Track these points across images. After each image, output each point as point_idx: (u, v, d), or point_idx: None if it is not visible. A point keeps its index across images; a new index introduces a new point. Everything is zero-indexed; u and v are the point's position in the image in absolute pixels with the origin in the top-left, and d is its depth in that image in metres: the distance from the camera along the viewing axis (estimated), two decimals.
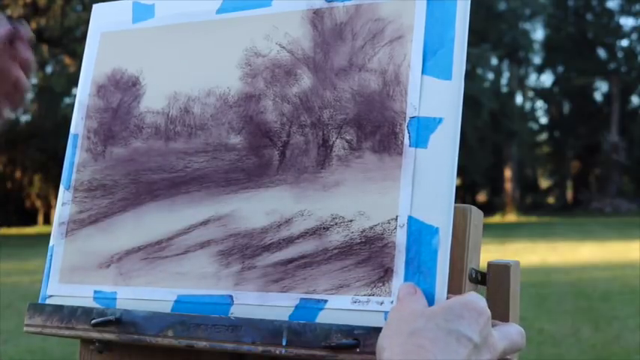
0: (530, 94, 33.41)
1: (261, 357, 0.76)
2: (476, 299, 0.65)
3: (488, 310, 0.65)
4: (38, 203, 24.73)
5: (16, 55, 0.83)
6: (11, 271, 9.59)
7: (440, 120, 0.73)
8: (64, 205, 0.90)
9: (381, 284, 0.72)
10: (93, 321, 0.81)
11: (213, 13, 0.88)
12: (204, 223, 0.81)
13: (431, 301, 0.69)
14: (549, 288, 7.77)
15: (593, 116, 31.08)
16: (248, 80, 0.84)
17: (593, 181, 32.12)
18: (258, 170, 0.80)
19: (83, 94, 0.93)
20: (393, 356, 0.61)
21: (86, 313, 0.82)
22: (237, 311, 0.77)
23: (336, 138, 0.78)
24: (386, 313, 0.71)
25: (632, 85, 31.32)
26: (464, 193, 29.12)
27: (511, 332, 0.67)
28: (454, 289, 0.72)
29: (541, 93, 33.62)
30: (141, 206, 0.85)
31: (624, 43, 31.73)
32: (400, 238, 0.72)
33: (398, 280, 0.71)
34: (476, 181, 28.98)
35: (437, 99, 0.74)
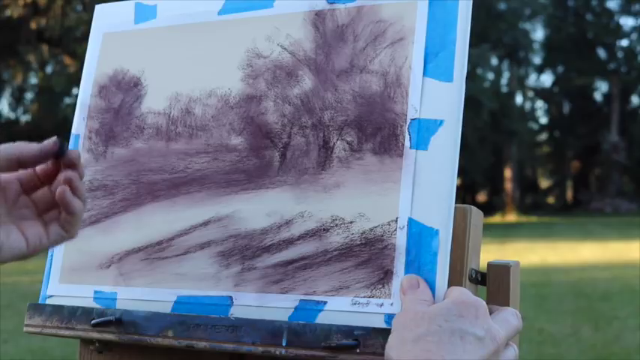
0: (530, 94, 33.42)
1: (261, 357, 0.76)
2: (468, 295, 0.66)
3: (483, 302, 0.66)
4: None
5: (64, 177, 0.77)
6: (11, 271, 9.58)
7: (441, 122, 0.73)
8: None
9: (380, 286, 0.72)
10: (93, 321, 0.81)
11: (215, 14, 0.88)
12: (205, 223, 0.82)
13: None
14: (549, 288, 7.77)
15: (593, 116, 31.09)
16: (249, 81, 0.84)
17: (593, 181, 32.15)
18: (258, 171, 0.81)
19: (85, 95, 0.93)
20: None
21: (86, 313, 0.82)
22: (236, 312, 0.77)
23: (337, 139, 0.78)
24: (386, 315, 0.71)
25: (632, 85, 31.33)
26: (464, 193, 29.13)
27: (508, 318, 0.68)
28: None
29: (541, 93, 33.62)
30: (141, 207, 0.85)
31: (624, 43, 31.76)
32: (400, 240, 0.72)
33: (398, 282, 0.71)
34: (476, 181, 28.98)
35: (438, 101, 0.74)
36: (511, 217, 25.24)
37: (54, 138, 0.73)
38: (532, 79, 34.18)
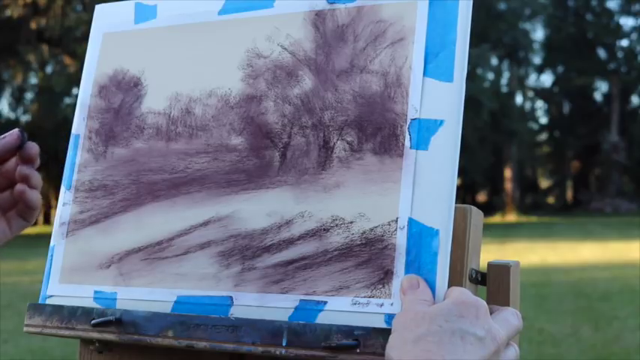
0: (530, 94, 33.44)
1: (261, 357, 0.76)
2: (468, 295, 0.66)
3: (484, 302, 0.66)
4: None
5: (19, 171, 0.77)
6: (11, 271, 9.59)
7: (441, 122, 0.73)
8: (64, 206, 0.90)
9: (381, 286, 0.72)
10: (93, 321, 0.81)
11: (215, 14, 0.88)
12: (205, 224, 0.82)
13: None
14: (549, 288, 7.77)
15: (593, 116, 31.12)
16: (249, 81, 0.84)
17: (593, 181, 32.20)
18: (258, 171, 0.81)
19: (85, 95, 0.93)
20: None
21: (86, 313, 0.82)
22: (236, 312, 0.77)
23: (337, 139, 0.78)
24: (386, 315, 0.71)
25: (632, 85, 31.36)
26: (464, 193, 29.15)
27: (508, 318, 0.68)
28: None
29: (541, 93, 33.65)
30: (141, 207, 0.85)
31: (624, 43, 31.77)
32: (400, 240, 0.72)
33: (398, 282, 0.71)
34: (476, 181, 29.01)
35: (438, 101, 0.74)
36: (511, 217, 25.26)
37: (16, 130, 0.73)
38: (532, 79, 34.23)
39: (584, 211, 27.06)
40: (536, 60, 32.52)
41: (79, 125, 0.92)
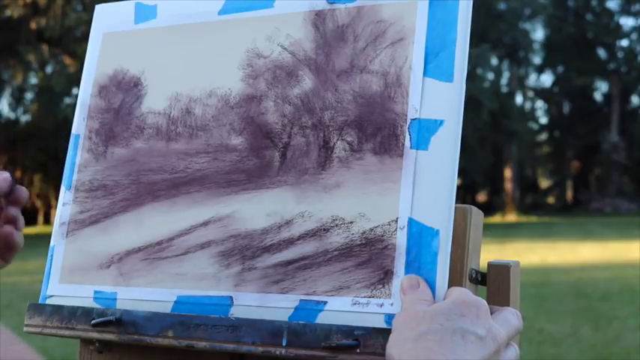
0: (530, 94, 33.45)
1: (261, 357, 0.76)
2: (469, 295, 0.66)
3: (484, 301, 0.66)
4: (38, 203, 24.70)
5: (6, 213, 0.81)
6: (11, 271, 9.59)
7: (441, 122, 0.73)
8: (64, 206, 0.90)
9: (381, 286, 0.72)
10: (93, 321, 0.81)
11: (215, 14, 0.88)
12: (205, 223, 0.82)
13: None
14: (549, 288, 7.78)
15: (593, 116, 31.14)
16: (249, 81, 0.84)
17: (593, 181, 32.22)
18: (258, 171, 0.81)
19: (85, 95, 0.93)
20: None
21: (86, 313, 0.82)
22: (236, 312, 0.77)
23: (337, 139, 0.78)
24: (386, 315, 0.71)
25: (632, 85, 31.37)
26: (464, 193, 29.16)
27: (508, 318, 0.68)
28: None
29: (541, 93, 33.66)
30: (141, 207, 0.85)
31: (624, 43, 31.79)
32: (400, 240, 0.72)
33: (398, 282, 0.71)
34: (476, 181, 29.02)
35: (438, 101, 0.74)
36: (511, 217, 25.27)
37: (7, 175, 0.74)
38: (532, 79, 34.25)
39: (584, 211, 27.08)
40: (536, 60, 32.55)
41: (79, 125, 0.92)
